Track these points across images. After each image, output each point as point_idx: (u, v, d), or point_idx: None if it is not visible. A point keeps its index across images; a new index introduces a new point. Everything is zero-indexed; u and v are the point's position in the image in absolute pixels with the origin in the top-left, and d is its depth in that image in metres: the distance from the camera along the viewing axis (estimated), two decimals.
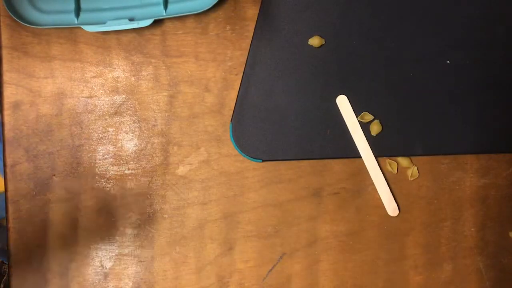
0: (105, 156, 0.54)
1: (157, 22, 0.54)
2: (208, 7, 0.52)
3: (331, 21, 0.54)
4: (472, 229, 0.55)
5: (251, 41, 0.54)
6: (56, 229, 0.54)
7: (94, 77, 0.54)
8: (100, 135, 0.54)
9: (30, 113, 0.54)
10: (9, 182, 0.54)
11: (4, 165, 0.54)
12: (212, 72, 0.54)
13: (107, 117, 0.54)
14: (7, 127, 0.54)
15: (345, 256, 0.55)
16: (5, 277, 0.54)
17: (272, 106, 0.54)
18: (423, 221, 0.55)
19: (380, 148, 0.54)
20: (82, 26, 0.51)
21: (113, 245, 0.54)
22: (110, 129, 0.54)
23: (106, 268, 0.54)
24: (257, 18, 0.54)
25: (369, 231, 0.55)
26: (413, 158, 0.55)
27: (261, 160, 0.54)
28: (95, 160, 0.54)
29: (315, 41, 0.53)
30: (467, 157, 0.55)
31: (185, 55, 0.54)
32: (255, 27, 0.54)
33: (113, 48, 0.54)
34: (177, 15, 0.52)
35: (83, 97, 0.54)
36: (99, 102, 0.54)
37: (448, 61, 0.54)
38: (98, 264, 0.54)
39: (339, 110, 0.54)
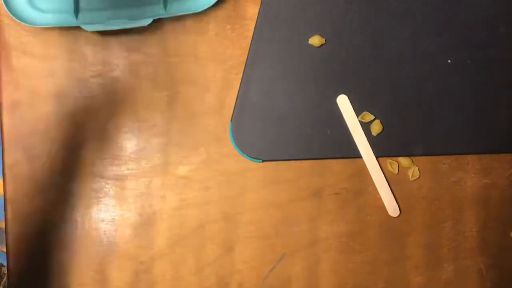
0: (105, 156, 0.54)
1: (157, 22, 0.54)
2: (208, 6, 0.52)
3: (331, 20, 0.54)
4: (473, 230, 0.55)
5: (251, 41, 0.54)
6: (55, 230, 0.54)
7: (93, 76, 0.54)
8: (99, 135, 0.54)
9: (29, 113, 0.54)
10: (8, 182, 0.54)
11: (3, 166, 0.54)
12: (212, 71, 0.54)
13: (106, 117, 0.54)
14: (6, 127, 0.54)
15: (346, 257, 0.55)
16: (4, 279, 0.54)
17: (272, 106, 0.54)
18: (424, 221, 0.55)
19: (380, 148, 0.54)
20: (81, 26, 0.51)
21: (112, 245, 0.54)
22: (109, 129, 0.54)
23: (105, 269, 0.54)
24: (257, 17, 0.54)
25: (370, 231, 0.55)
26: (414, 158, 0.55)
27: (261, 160, 0.54)
28: (95, 160, 0.54)
29: (315, 41, 0.53)
30: (469, 157, 0.55)
31: (184, 54, 0.54)
32: (255, 27, 0.54)
33: (112, 47, 0.54)
34: (177, 14, 0.52)
35: (82, 96, 0.54)
36: (98, 102, 0.54)
37: (449, 61, 0.54)
38: (98, 265, 0.54)
39: (339, 110, 0.54)
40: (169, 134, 0.54)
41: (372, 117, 0.54)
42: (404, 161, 0.54)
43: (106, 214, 0.54)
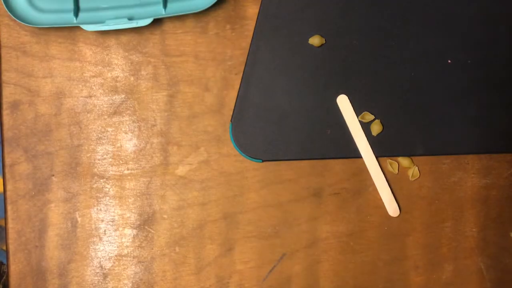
0: (104, 156, 0.54)
1: (157, 21, 0.54)
2: (208, 6, 0.52)
3: (331, 20, 0.54)
4: (473, 230, 0.55)
5: (251, 40, 0.54)
6: (55, 229, 0.54)
7: (93, 76, 0.54)
8: (99, 135, 0.54)
9: (29, 112, 0.54)
10: (7, 182, 0.54)
11: (3, 165, 0.54)
12: (211, 71, 0.54)
13: (106, 117, 0.54)
14: (5, 126, 0.54)
15: (346, 257, 0.55)
16: (4, 277, 0.54)
17: (272, 106, 0.54)
18: (424, 221, 0.55)
19: (380, 148, 0.54)
20: (81, 26, 0.51)
21: (112, 245, 0.54)
22: (109, 129, 0.54)
23: (105, 268, 0.54)
24: (257, 17, 0.54)
25: (370, 231, 0.55)
26: (414, 158, 0.55)
27: (261, 160, 0.54)
28: (94, 160, 0.54)
29: (315, 40, 0.53)
30: (468, 157, 0.55)
31: (184, 54, 0.54)
32: (255, 26, 0.54)
33: (112, 47, 0.54)
34: (177, 14, 0.52)
35: (82, 96, 0.54)
36: (98, 101, 0.54)
37: (449, 61, 0.54)
38: (97, 264, 0.54)
39: (339, 110, 0.54)
40: (169, 134, 0.54)
41: (372, 117, 0.54)
42: (404, 161, 0.54)
43: (106, 214, 0.54)
